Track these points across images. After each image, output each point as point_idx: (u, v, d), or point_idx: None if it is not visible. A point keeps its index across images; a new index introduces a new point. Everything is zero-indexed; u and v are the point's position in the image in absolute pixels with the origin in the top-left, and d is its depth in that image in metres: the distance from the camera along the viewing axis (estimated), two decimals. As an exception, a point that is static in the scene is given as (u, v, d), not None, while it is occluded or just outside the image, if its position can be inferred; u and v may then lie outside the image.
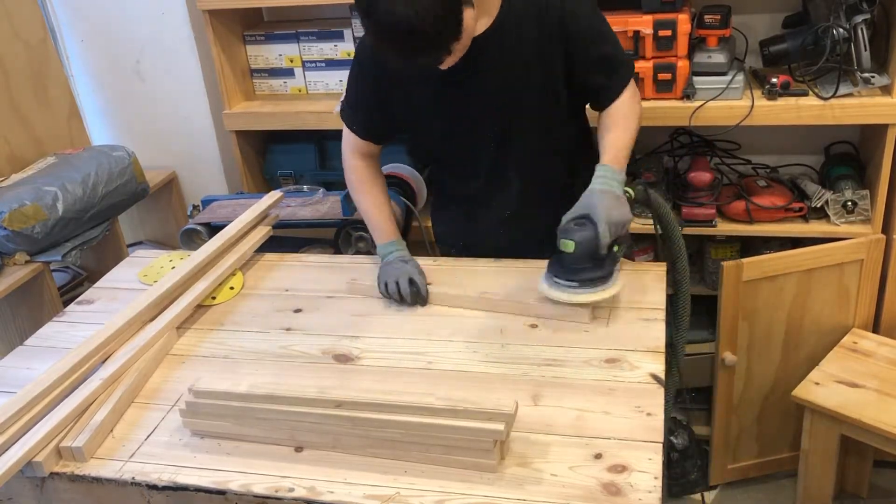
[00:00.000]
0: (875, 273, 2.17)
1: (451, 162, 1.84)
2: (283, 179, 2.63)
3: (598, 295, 1.53)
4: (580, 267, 1.51)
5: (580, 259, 1.50)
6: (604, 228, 1.47)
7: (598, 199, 1.51)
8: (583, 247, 1.48)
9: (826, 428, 2.07)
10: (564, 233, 1.50)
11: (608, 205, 1.50)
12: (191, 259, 1.81)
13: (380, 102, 1.74)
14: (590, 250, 1.49)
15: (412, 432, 1.24)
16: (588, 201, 1.52)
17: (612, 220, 1.49)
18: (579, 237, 1.48)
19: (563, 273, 1.53)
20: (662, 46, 2.10)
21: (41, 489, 1.33)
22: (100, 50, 2.69)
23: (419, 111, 1.73)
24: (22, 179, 2.28)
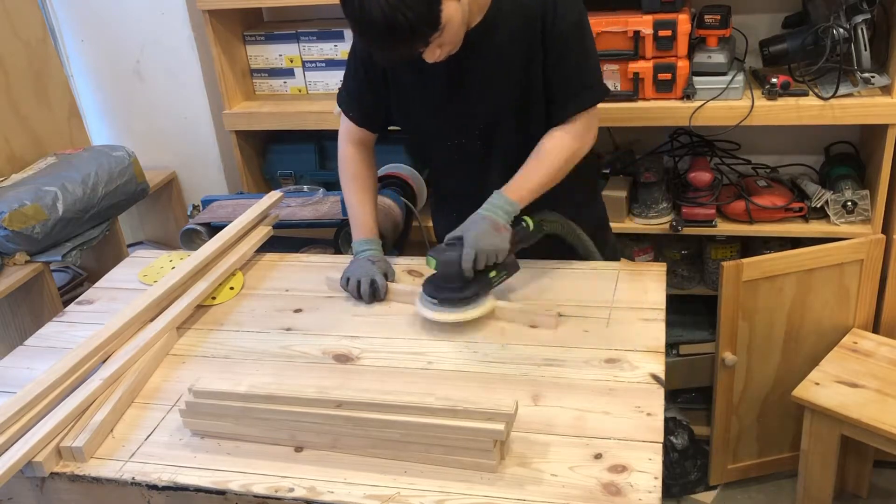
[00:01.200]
0: (875, 273, 2.17)
1: (441, 158, 1.85)
2: (283, 179, 2.63)
3: (454, 316, 1.56)
4: (444, 286, 1.56)
5: (444, 278, 1.55)
6: (468, 252, 1.51)
7: (473, 224, 1.55)
8: (444, 267, 1.54)
9: (826, 428, 2.07)
10: (433, 251, 1.56)
11: (482, 231, 1.53)
12: (191, 259, 1.80)
13: (373, 89, 1.75)
14: (451, 272, 1.53)
15: (412, 432, 1.24)
16: (466, 224, 1.56)
17: (480, 247, 1.52)
18: (443, 258, 1.54)
19: (429, 289, 1.58)
20: (662, 46, 2.10)
21: (41, 489, 1.33)
22: (100, 50, 2.69)
23: (408, 102, 1.74)
24: (22, 179, 2.28)
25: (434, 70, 1.61)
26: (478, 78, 1.66)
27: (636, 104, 2.17)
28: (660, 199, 2.32)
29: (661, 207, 2.32)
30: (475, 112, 1.70)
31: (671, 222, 2.28)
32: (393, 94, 1.74)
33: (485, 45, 1.62)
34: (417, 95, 1.72)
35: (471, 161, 1.77)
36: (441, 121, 1.74)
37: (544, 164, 1.64)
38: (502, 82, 1.65)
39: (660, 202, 2.32)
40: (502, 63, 1.64)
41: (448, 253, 1.54)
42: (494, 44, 1.62)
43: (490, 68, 1.64)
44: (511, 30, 1.61)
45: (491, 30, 1.61)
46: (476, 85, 1.66)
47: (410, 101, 1.74)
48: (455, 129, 1.74)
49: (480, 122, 1.71)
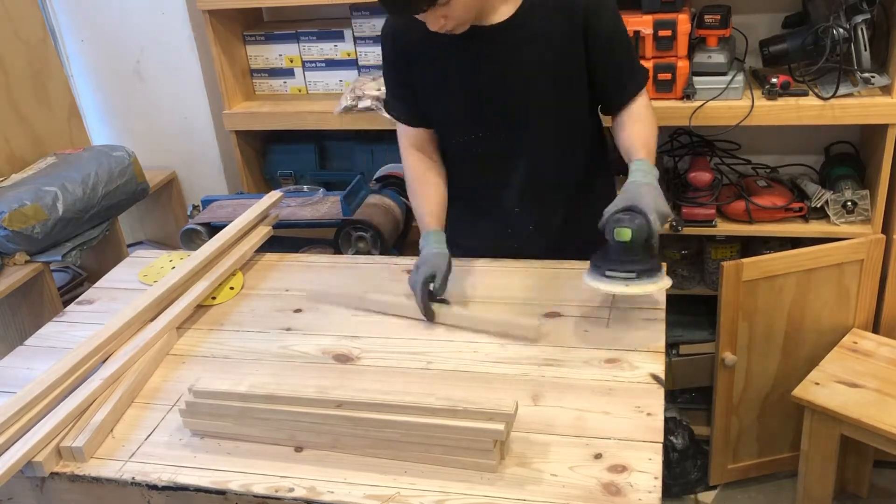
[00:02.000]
0: (875, 273, 2.17)
1: (460, 151, 1.80)
2: (283, 179, 2.64)
3: (657, 285, 1.47)
4: (633, 258, 1.46)
5: (634, 249, 1.45)
6: (654, 218, 1.45)
7: (644, 191, 1.49)
8: (638, 235, 1.43)
9: (826, 428, 2.07)
10: (617, 222, 1.45)
11: (654, 196, 1.49)
12: (191, 259, 1.80)
13: (408, 85, 1.73)
14: (644, 239, 1.44)
15: (412, 432, 1.24)
16: (633, 194, 1.49)
17: (660, 211, 1.46)
18: (634, 226, 1.44)
19: (618, 265, 1.47)
20: (662, 46, 2.10)
21: (41, 489, 1.33)
22: (100, 50, 2.69)
23: (436, 93, 1.72)
24: (22, 179, 2.28)
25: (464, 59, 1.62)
26: (509, 71, 1.64)
27: (636, 104, 2.17)
28: (660, 199, 2.31)
29: (661, 207, 2.31)
30: (502, 105, 1.68)
31: (671, 222, 2.28)
32: (421, 84, 1.72)
33: (518, 37, 1.61)
34: (444, 85, 1.69)
35: (493, 155, 1.75)
36: (466, 112, 1.71)
37: (649, 127, 1.65)
38: (538, 76, 1.65)
39: (660, 202, 2.31)
40: (540, 56, 1.63)
41: (635, 221, 1.44)
42: (531, 36, 1.61)
43: (525, 61, 1.63)
44: (550, 25, 1.61)
45: (525, 23, 1.61)
46: (507, 77, 1.65)
47: (438, 92, 1.71)
48: (479, 121, 1.71)
49: (507, 116, 1.69)
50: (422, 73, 1.70)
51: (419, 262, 1.65)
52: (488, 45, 1.62)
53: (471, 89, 1.67)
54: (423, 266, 1.63)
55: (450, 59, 1.65)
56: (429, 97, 1.73)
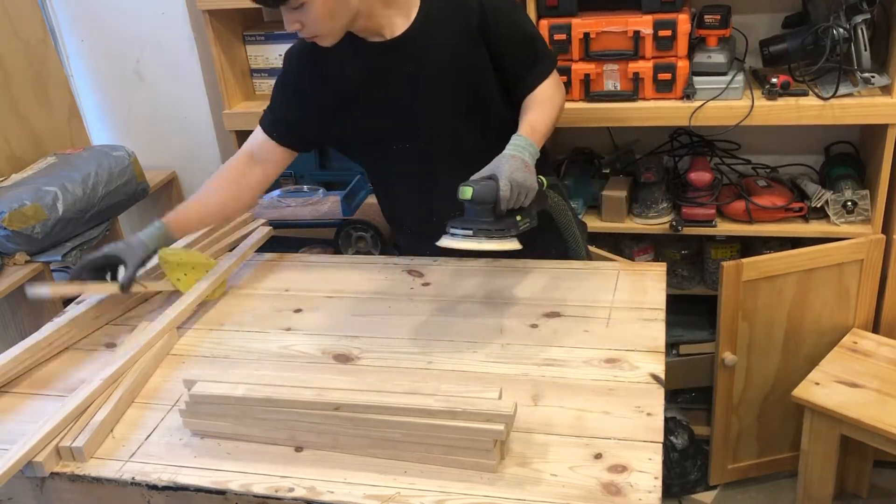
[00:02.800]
0: (875, 273, 2.17)
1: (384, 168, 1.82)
2: (283, 179, 2.63)
3: (492, 244, 1.47)
4: (477, 219, 1.49)
5: (478, 211, 1.48)
6: (504, 182, 1.45)
7: (504, 161, 1.50)
8: (480, 194, 1.46)
9: (826, 428, 2.07)
10: (465, 182, 1.49)
11: (514, 166, 1.49)
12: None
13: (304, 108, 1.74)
14: (487, 200, 1.46)
15: (412, 432, 1.24)
16: (495, 163, 1.51)
17: (514, 178, 1.47)
18: (478, 186, 1.47)
19: (460, 223, 1.50)
20: (662, 46, 2.10)
21: (41, 489, 1.33)
22: (100, 50, 2.69)
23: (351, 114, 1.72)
24: (22, 179, 2.28)
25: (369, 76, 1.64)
26: (417, 81, 1.65)
27: (636, 104, 2.18)
28: (660, 199, 2.32)
29: (661, 207, 2.32)
30: (416, 117, 1.69)
31: (671, 222, 2.28)
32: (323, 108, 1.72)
33: (420, 47, 1.63)
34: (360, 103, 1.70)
35: (417, 168, 1.75)
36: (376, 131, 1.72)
37: (548, 108, 1.64)
38: (446, 83, 1.65)
39: (660, 202, 2.32)
40: (445, 63, 1.64)
41: (483, 184, 1.47)
42: (433, 43, 1.62)
43: (430, 69, 1.64)
44: (447, 32, 1.62)
45: (422, 33, 1.62)
46: (417, 88, 1.66)
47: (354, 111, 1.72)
48: (396, 137, 1.72)
49: (422, 126, 1.70)
50: (326, 95, 1.71)
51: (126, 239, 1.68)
52: (392, 59, 1.63)
53: (384, 105, 1.69)
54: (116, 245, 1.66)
55: (358, 78, 1.66)
56: (340, 119, 1.73)
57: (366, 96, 1.69)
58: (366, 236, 2.13)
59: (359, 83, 1.68)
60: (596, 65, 2.16)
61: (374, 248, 2.14)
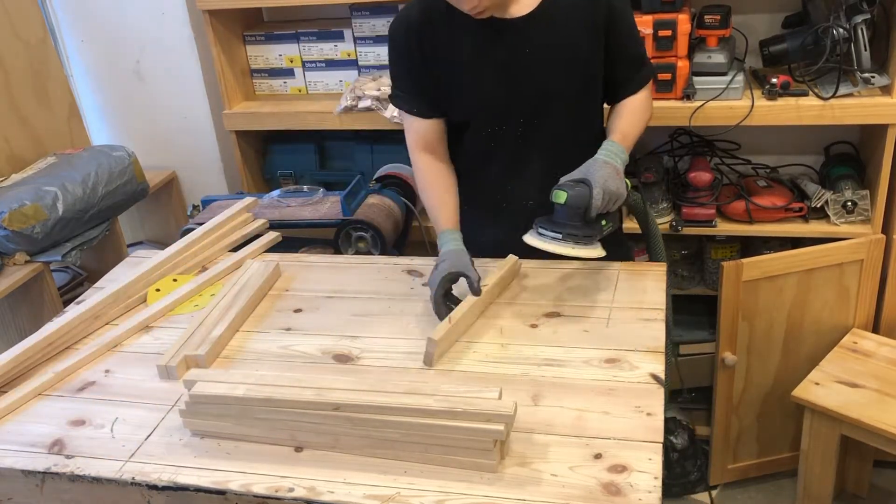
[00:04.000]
0: (875, 273, 2.17)
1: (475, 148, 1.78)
2: (283, 179, 2.64)
3: (581, 251, 1.53)
4: (567, 222, 1.53)
5: (569, 214, 1.52)
6: (598, 191, 1.50)
7: (598, 167, 1.54)
8: (574, 200, 1.50)
9: (826, 428, 2.07)
10: (559, 186, 1.53)
11: (606, 173, 1.53)
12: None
13: (424, 77, 1.71)
14: (580, 206, 1.51)
15: (412, 432, 1.24)
16: (588, 167, 1.55)
17: (607, 187, 1.51)
18: (573, 192, 1.51)
19: (550, 225, 1.55)
20: (662, 46, 2.10)
21: (41, 489, 1.33)
22: (100, 50, 2.69)
23: (456, 88, 1.70)
24: (22, 179, 2.28)
25: (486, 52, 1.63)
26: (533, 63, 1.65)
27: (636, 104, 2.17)
28: (660, 199, 2.32)
29: (661, 207, 2.32)
30: (523, 98, 1.68)
31: (671, 222, 2.28)
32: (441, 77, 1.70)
33: (542, 30, 1.62)
34: (464, 74, 1.69)
35: (507, 150, 1.74)
36: (486, 102, 1.70)
37: (639, 119, 1.69)
38: (561, 69, 1.66)
39: (660, 202, 2.32)
40: (563, 49, 1.64)
41: (577, 189, 1.51)
42: (554, 29, 1.63)
43: (548, 54, 1.64)
44: (573, 18, 1.62)
45: (548, 16, 1.62)
46: (530, 70, 1.65)
47: (457, 80, 1.70)
48: (498, 115, 1.71)
49: (526, 108, 1.69)
50: (441, 67, 1.69)
51: (439, 260, 1.63)
52: (512, 38, 1.63)
53: (492, 83, 1.67)
54: (444, 263, 1.61)
55: (472, 52, 1.65)
56: (449, 92, 1.71)
57: (478, 70, 1.67)
58: (366, 236, 2.13)
59: (475, 56, 1.66)
60: (596, 65, 2.16)
61: (374, 248, 2.14)
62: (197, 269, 1.90)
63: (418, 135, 1.77)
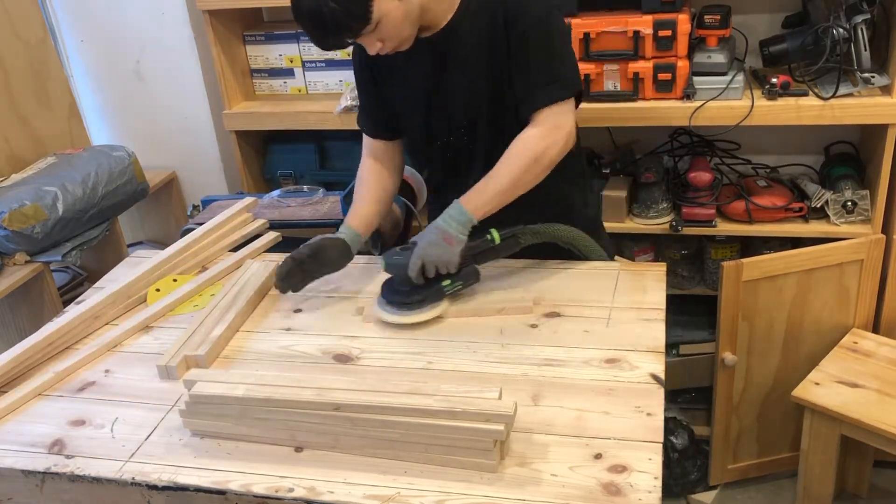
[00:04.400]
0: (875, 273, 2.17)
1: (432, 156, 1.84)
2: (283, 179, 2.64)
3: (397, 318, 1.59)
4: (397, 289, 1.61)
5: (396, 282, 1.60)
6: (414, 261, 1.55)
7: (426, 234, 1.59)
8: (391, 269, 1.59)
9: (826, 428, 2.07)
10: (387, 254, 1.61)
11: (431, 241, 1.57)
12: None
13: (378, 98, 1.79)
14: (398, 275, 1.58)
15: (412, 432, 1.24)
16: (422, 232, 1.60)
17: (427, 255, 1.55)
18: (391, 261, 1.59)
19: (385, 290, 1.63)
20: (662, 46, 2.10)
21: (41, 489, 1.33)
22: (100, 50, 2.69)
23: (404, 106, 1.76)
24: (22, 179, 2.28)
25: (415, 69, 1.66)
26: (453, 75, 1.67)
27: (636, 104, 2.18)
28: (660, 199, 2.32)
29: (661, 207, 2.32)
30: (455, 109, 1.71)
31: (671, 222, 2.28)
32: (392, 98, 1.76)
33: (454, 44, 1.64)
34: (403, 96, 1.74)
35: (458, 157, 1.78)
36: (427, 119, 1.75)
37: (503, 170, 1.61)
38: (473, 80, 1.66)
39: (660, 202, 2.32)
40: (472, 61, 1.65)
41: (397, 258, 1.58)
42: (463, 42, 1.63)
43: (461, 66, 1.66)
44: (478, 28, 1.62)
45: (459, 29, 1.63)
46: (452, 82, 1.68)
47: (398, 103, 1.76)
48: (441, 127, 1.75)
49: (462, 118, 1.72)
50: (388, 88, 1.75)
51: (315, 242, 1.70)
52: (434, 53, 1.65)
53: (424, 100, 1.71)
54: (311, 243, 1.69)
55: (405, 72, 1.70)
56: (398, 110, 1.78)
57: (409, 89, 1.72)
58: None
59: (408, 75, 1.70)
60: (596, 65, 2.16)
61: (374, 248, 2.14)
62: (197, 269, 1.90)
63: (367, 147, 1.86)
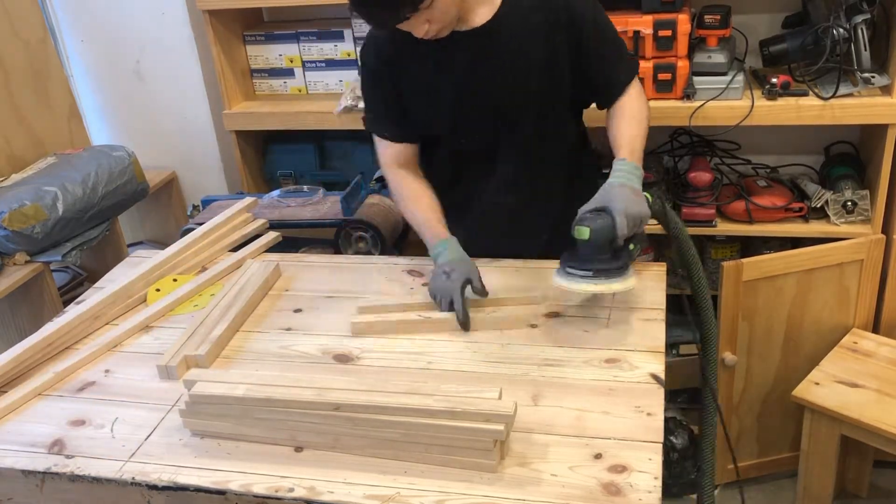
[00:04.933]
0: (875, 273, 2.17)
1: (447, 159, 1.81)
2: (283, 179, 2.64)
3: (615, 285, 1.47)
4: (595, 257, 1.47)
5: (595, 249, 1.46)
6: (621, 220, 1.44)
7: (616, 192, 1.49)
8: (598, 234, 1.44)
9: (826, 428, 2.07)
10: (580, 221, 1.47)
11: (626, 197, 1.48)
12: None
13: (397, 99, 1.72)
14: (605, 239, 1.45)
15: (412, 432, 1.24)
16: (606, 194, 1.49)
17: (629, 213, 1.46)
18: (596, 225, 1.44)
19: (577, 263, 1.48)
20: (662, 46, 2.10)
21: (41, 489, 1.33)
22: (100, 50, 2.69)
23: (424, 102, 1.71)
24: (22, 179, 2.28)
25: (449, 66, 1.63)
26: (494, 73, 1.64)
27: (636, 104, 2.17)
28: (660, 199, 2.32)
29: (661, 207, 2.31)
30: (487, 108, 1.68)
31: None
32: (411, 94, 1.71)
33: (499, 38, 1.61)
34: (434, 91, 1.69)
35: (480, 155, 1.75)
36: (456, 115, 1.70)
37: (639, 123, 1.63)
38: (521, 77, 1.64)
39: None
40: (522, 56, 1.63)
41: (598, 221, 1.45)
42: (512, 38, 1.61)
43: (507, 63, 1.63)
44: (531, 24, 1.61)
45: (506, 24, 1.61)
46: (492, 80, 1.65)
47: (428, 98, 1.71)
48: (471, 120, 1.71)
49: (492, 117, 1.69)
50: (409, 83, 1.70)
51: (449, 269, 1.60)
52: (471, 50, 1.62)
53: (457, 96, 1.67)
54: (455, 272, 1.59)
55: (436, 66, 1.65)
56: (417, 106, 1.72)
57: (442, 85, 1.67)
58: (366, 236, 2.13)
59: (439, 70, 1.66)
60: (596, 65, 2.16)
61: (374, 248, 2.14)
62: (197, 269, 1.90)
63: (392, 155, 1.78)
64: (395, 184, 1.78)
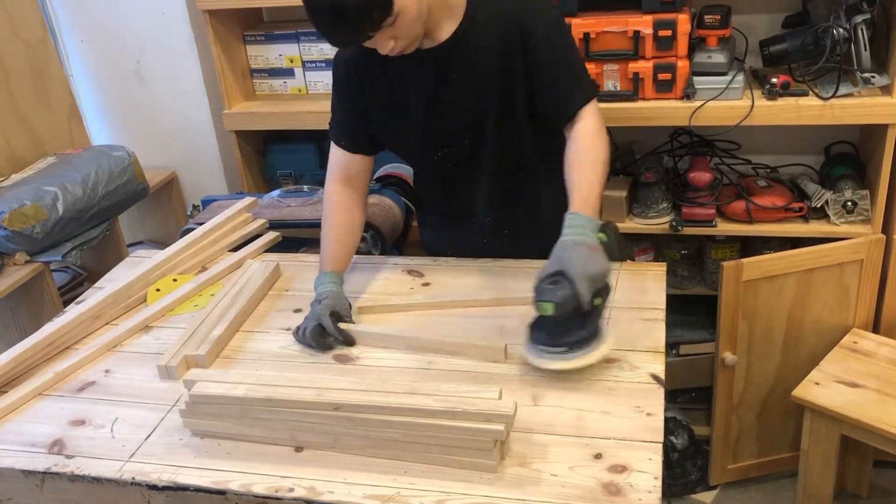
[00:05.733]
0: (875, 273, 2.17)
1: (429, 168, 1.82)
2: (283, 179, 2.64)
3: (590, 357, 1.39)
4: (564, 329, 1.39)
5: (562, 321, 1.37)
6: (582, 286, 1.33)
7: (571, 253, 1.38)
8: (562, 308, 1.34)
9: (826, 428, 2.07)
10: (541, 293, 1.36)
11: (583, 258, 1.37)
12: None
13: (360, 111, 1.72)
14: (570, 310, 1.35)
15: (412, 432, 1.24)
16: (560, 256, 1.38)
17: (589, 275, 1.35)
18: (557, 298, 1.34)
19: (549, 339, 1.40)
20: (662, 46, 2.10)
21: (41, 489, 1.33)
22: (100, 50, 2.69)
23: (395, 117, 1.71)
24: (22, 179, 2.28)
25: (415, 78, 1.63)
26: (458, 84, 1.64)
27: (636, 104, 2.17)
28: (660, 199, 2.32)
29: (661, 207, 2.32)
30: (459, 117, 1.68)
31: (671, 222, 2.28)
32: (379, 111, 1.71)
33: (462, 53, 1.61)
34: (398, 105, 1.69)
35: (461, 167, 1.75)
36: (427, 128, 1.71)
37: (595, 165, 1.54)
38: (482, 89, 1.64)
39: (660, 202, 2.32)
40: (481, 70, 1.62)
41: (558, 292, 1.34)
42: (471, 52, 1.61)
43: (470, 75, 1.63)
44: (489, 39, 1.60)
45: (466, 39, 1.61)
46: (457, 91, 1.65)
47: (397, 115, 1.71)
48: (442, 136, 1.71)
49: (466, 128, 1.69)
50: (378, 98, 1.70)
51: (321, 297, 1.60)
52: (437, 64, 1.62)
53: (427, 111, 1.67)
54: (326, 300, 1.59)
55: (404, 81, 1.65)
56: (387, 121, 1.72)
57: (408, 101, 1.67)
58: (366, 236, 2.13)
59: (405, 86, 1.66)
60: (596, 65, 2.16)
61: (374, 248, 2.14)
62: (197, 269, 1.90)
63: (340, 166, 1.76)
64: (328, 199, 1.77)
